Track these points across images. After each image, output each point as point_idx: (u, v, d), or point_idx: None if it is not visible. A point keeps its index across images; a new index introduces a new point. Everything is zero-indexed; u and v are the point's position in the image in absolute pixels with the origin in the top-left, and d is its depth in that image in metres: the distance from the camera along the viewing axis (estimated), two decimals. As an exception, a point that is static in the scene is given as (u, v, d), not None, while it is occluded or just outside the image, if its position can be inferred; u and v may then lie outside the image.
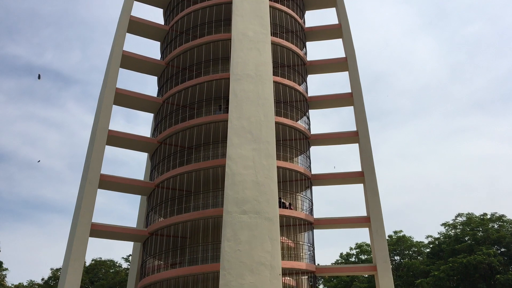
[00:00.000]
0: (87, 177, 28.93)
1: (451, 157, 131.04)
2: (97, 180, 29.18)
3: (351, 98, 35.10)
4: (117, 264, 69.36)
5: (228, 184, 27.18)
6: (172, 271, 28.33)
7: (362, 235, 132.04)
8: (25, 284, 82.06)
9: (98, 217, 41.35)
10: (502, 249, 55.27)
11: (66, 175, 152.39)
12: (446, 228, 60.51)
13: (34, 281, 78.60)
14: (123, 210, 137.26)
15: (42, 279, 70.50)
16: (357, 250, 65.08)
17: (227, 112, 28.73)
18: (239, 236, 25.70)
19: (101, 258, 69.08)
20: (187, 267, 28.02)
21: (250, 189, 27.13)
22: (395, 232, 63.90)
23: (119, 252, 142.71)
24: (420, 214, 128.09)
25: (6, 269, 73.85)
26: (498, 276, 49.81)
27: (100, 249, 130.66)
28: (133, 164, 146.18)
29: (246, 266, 24.94)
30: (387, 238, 35.68)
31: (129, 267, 47.57)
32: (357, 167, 33.56)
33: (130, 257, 52.35)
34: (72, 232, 27.74)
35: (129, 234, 31.00)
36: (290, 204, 32.10)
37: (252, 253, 25.30)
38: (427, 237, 63.30)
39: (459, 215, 59.75)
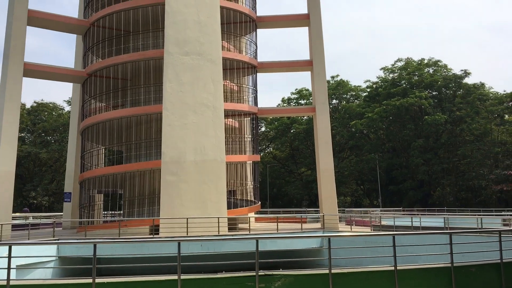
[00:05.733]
0: (13, 13, 26.50)
1: (401, 2, 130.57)
2: (25, 16, 26.81)
3: None
4: (60, 107, 68.48)
5: (169, 23, 26.00)
6: (114, 112, 28.24)
7: (303, 83, 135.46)
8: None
9: (35, 59, 39.19)
10: (434, 93, 58.93)
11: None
12: (385, 72, 62.74)
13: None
14: (61, 52, 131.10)
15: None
16: (297, 95, 67.21)
17: None
18: (181, 78, 25.51)
19: (42, 100, 67.69)
20: (129, 108, 27.94)
21: (192, 29, 26.17)
22: (333, 77, 65.73)
23: (62, 95, 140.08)
24: (362, 60, 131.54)
25: None
26: (426, 117, 53.90)
27: (42, 93, 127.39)
28: (65, 2, 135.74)
29: (189, 107, 25.25)
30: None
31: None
32: (304, 10, 32.74)
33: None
34: (4, 72, 26.26)
35: (66, 75, 29.81)
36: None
37: (195, 94, 25.45)
38: (366, 81, 65.73)
39: (399, 60, 61.75)
